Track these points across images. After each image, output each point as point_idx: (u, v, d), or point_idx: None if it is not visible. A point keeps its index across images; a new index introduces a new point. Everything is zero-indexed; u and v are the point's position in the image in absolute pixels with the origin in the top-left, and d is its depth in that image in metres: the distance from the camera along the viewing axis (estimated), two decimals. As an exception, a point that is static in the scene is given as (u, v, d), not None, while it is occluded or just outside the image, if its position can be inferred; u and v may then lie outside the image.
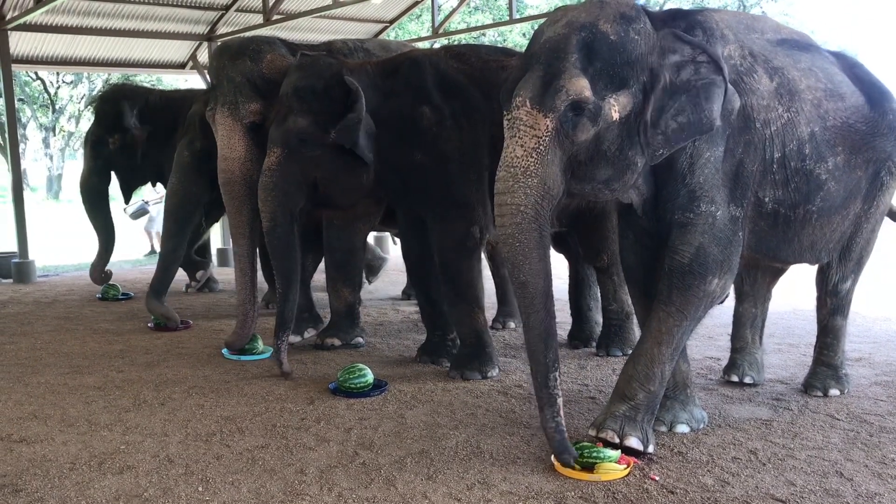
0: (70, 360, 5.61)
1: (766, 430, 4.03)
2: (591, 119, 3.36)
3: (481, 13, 21.34)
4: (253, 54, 5.60)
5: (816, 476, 3.47)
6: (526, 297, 3.46)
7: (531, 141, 3.36)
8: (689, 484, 3.40)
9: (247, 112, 5.47)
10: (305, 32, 11.09)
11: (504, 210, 3.42)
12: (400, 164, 5.02)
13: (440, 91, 5.02)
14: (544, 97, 3.34)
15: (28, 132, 28.63)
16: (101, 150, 8.00)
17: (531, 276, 3.43)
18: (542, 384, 3.49)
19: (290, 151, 4.91)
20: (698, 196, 3.66)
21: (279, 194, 4.96)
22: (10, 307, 7.83)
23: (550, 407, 3.49)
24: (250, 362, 5.51)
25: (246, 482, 3.47)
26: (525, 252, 3.42)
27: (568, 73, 3.32)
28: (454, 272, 5.06)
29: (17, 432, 4.12)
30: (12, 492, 3.40)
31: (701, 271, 3.67)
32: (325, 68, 4.99)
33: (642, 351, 3.78)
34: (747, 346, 4.84)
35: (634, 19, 3.46)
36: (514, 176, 3.39)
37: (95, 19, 10.18)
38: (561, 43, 3.38)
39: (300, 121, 4.87)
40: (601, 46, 3.37)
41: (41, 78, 26.10)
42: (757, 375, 4.78)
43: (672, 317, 3.71)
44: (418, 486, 3.41)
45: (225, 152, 5.56)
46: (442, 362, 5.38)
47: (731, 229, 3.72)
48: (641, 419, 3.70)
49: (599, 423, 3.72)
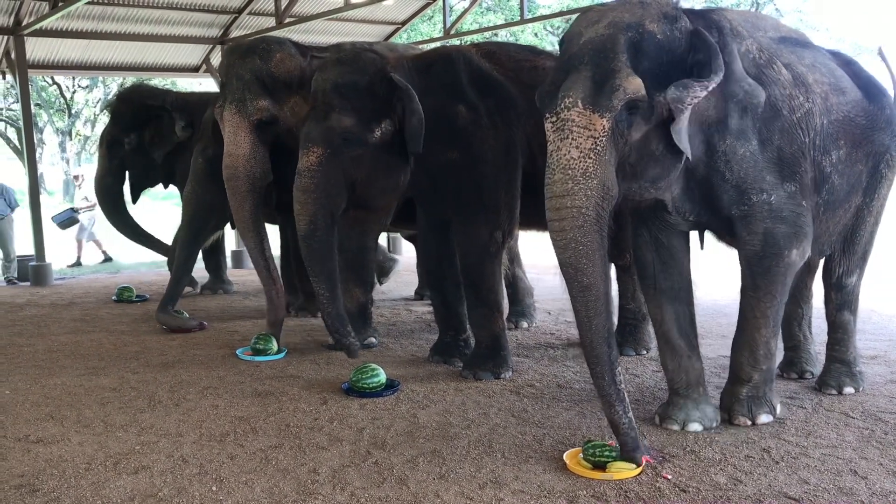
0: (86, 362, 5.67)
1: (780, 429, 4.01)
2: (644, 118, 3.39)
3: (493, 13, 21.33)
4: (263, 53, 5.65)
5: (830, 474, 3.46)
6: (589, 300, 3.42)
7: (587, 142, 3.33)
8: (701, 482, 3.39)
9: (254, 109, 5.52)
10: (318, 35, 11.12)
11: (564, 213, 3.38)
12: (432, 163, 4.89)
13: (475, 89, 4.96)
14: (598, 97, 3.32)
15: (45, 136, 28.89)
16: (117, 151, 8.06)
17: (594, 280, 3.40)
18: (609, 382, 3.45)
19: (332, 151, 4.69)
20: (745, 189, 3.76)
21: (321, 196, 4.74)
22: (27, 310, 7.90)
23: (621, 402, 3.46)
24: (264, 363, 5.54)
25: (259, 482, 3.49)
26: (588, 255, 3.38)
27: (623, 73, 3.33)
28: (476, 275, 5.05)
29: (34, 433, 4.17)
30: (29, 492, 3.44)
31: (775, 251, 3.82)
32: (369, 64, 4.81)
33: (745, 339, 3.99)
34: (801, 343, 4.91)
35: (677, 18, 3.51)
36: (574, 178, 3.35)
37: (110, 24, 10.26)
38: (607, 43, 3.38)
39: (345, 119, 4.65)
40: (649, 46, 3.40)
41: (57, 83, 26.32)
42: (814, 369, 4.87)
43: (762, 301, 3.90)
44: (430, 485, 3.43)
45: (230, 148, 5.61)
46: (454, 362, 5.38)
47: (792, 203, 3.83)
48: (763, 394, 4.05)
49: (728, 409, 4.03)
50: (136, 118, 7.91)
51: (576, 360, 5.47)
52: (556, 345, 5.98)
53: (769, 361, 4.02)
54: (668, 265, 4.03)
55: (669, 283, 4.03)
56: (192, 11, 10.49)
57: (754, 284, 3.91)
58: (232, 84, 5.63)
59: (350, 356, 5.07)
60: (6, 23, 9.56)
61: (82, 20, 10.01)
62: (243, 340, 6.13)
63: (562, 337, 6.24)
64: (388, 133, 4.75)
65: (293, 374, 5.24)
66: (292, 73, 5.64)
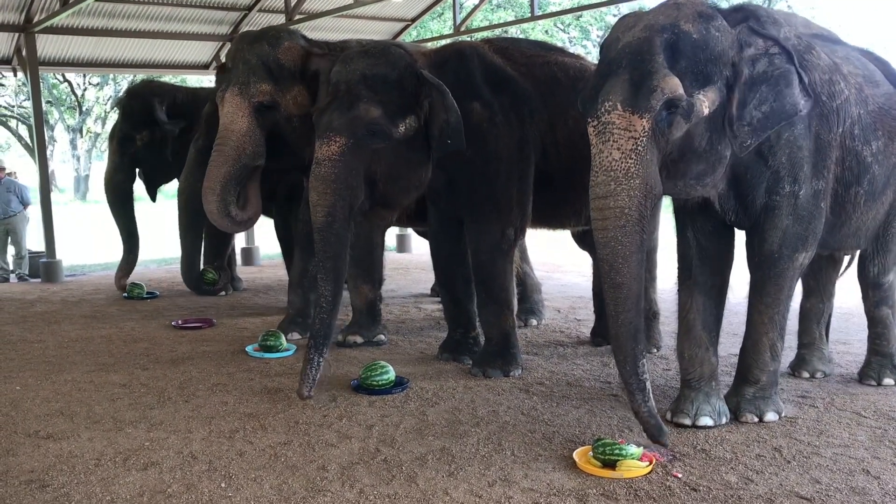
0: (96, 358, 5.68)
1: (791, 428, 3.98)
2: (684, 116, 3.45)
3: (503, 10, 21.28)
4: (271, 40, 5.63)
5: (842, 474, 3.43)
6: (620, 297, 3.50)
7: (628, 143, 3.39)
8: (712, 481, 3.37)
9: (257, 91, 5.44)
10: (327, 32, 11.10)
11: (607, 213, 3.45)
12: (445, 160, 4.83)
13: (488, 85, 4.94)
14: (637, 98, 3.39)
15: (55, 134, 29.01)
16: (128, 147, 8.07)
17: (629, 279, 3.48)
18: (632, 372, 3.55)
19: (356, 141, 4.52)
20: (782, 176, 3.81)
21: (340, 187, 4.51)
22: (38, 306, 7.94)
23: (641, 392, 3.55)
24: (273, 360, 5.54)
25: (268, 479, 3.49)
26: (626, 255, 3.45)
27: (660, 73, 3.39)
28: (487, 273, 5.03)
29: (44, 429, 4.18)
30: (39, 487, 3.44)
31: (788, 253, 3.89)
32: (399, 58, 4.73)
33: (752, 343, 4.06)
34: (815, 341, 4.91)
35: (712, 17, 3.56)
36: (616, 179, 3.41)
37: (120, 21, 10.28)
38: (644, 45, 3.45)
39: (373, 110, 4.52)
40: (685, 46, 3.45)
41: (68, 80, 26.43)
42: (826, 369, 4.88)
43: (770, 307, 3.96)
44: (440, 482, 3.41)
45: (226, 123, 5.47)
46: (463, 360, 5.37)
47: (813, 204, 3.88)
48: (770, 393, 4.10)
49: (734, 408, 4.05)
50: (148, 114, 7.92)
51: (586, 359, 5.46)
52: (566, 343, 5.96)
53: (775, 363, 4.08)
54: (708, 264, 4.08)
55: (705, 279, 4.07)
56: (203, 8, 10.51)
57: (764, 289, 3.96)
58: (238, 68, 5.57)
59: (300, 394, 4.52)
60: (17, 20, 9.59)
61: (93, 17, 10.03)
62: (252, 337, 6.14)
63: (572, 335, 6.22)
64: (412, 129, 4.65)
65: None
66: (298, 63, 5.60)
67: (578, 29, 23.16)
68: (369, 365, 4.80)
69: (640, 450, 3.55)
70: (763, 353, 4.03)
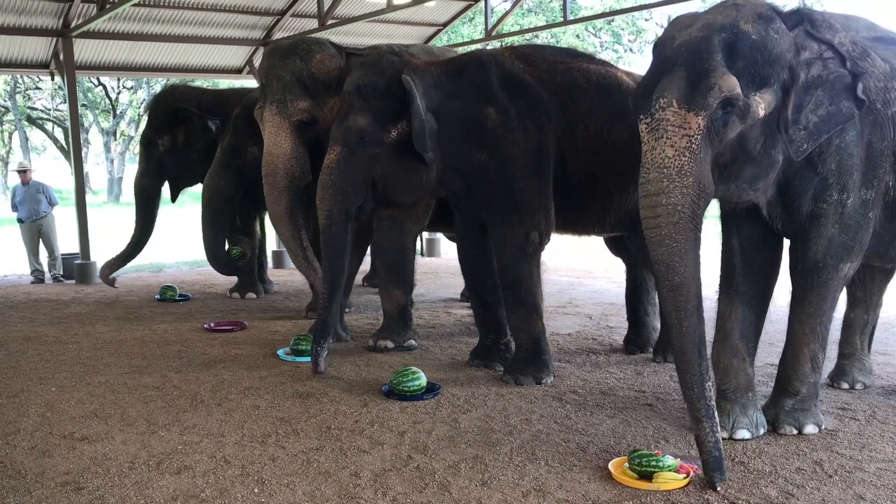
0: (130, 361, 5.72)
1: (832, 441, 3.90)
2: (740, 116, 3.40)
3: (534, 15, 21.22)
4: (303, 54, 5.70)
5: (887, 490, 3.34)
6: (680, 300, 3.38)
7: (682, 140, 3.35)
8: (751, 495, 3.30)
9: (295, 110, 5.58)
10: (360, 37, 11.15)
11: (659, 211, 3.38)
12: (463, 165, 4.96)
13: (506, 92, 4.95)
14: (693, 96, 3.35)
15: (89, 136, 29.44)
16: (152, 152, 8.20)
17: (687, 279, 3.38)
18: (699, 395, 3.36)
19: (349, 149, 4.86)
20: (830, 184, 3.73)
21: (336, 192, 4.91)
22: (72, 307, 8.02)
23: (710, 420, 3.36)
24: (305, 364, 5.54)
25: (301, 484, 3.47)
26: (682, 254, 3.37)
27: (718, 72, 3.35)
28: (513, 277, 5.01)
29: (78, 430, 4.21)
30: (74, 489, 3.46)
31: (833, 262, 3.80)
32: (388, 66, 4.92)
33: (793, 353, 3.96)
34: (856, 352, 4.83)
35: (772, 19, 3.51)
36: (669, 176, 3.36)
37: (155, 26, 10.40)
38: (702, 44, 3.41)
39: (360, 119, 4.82)
40: (743, 46, 3.41)
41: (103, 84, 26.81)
42: (867, 380, 4.79)
43: (812, 317, 3.87)
44: (473, 492, 3.38)
45: (271, 148, 5.68)
46: (495, 366, 5.33)
47: (861, 213, 3.79)
48: (810, 406, 4.01)
49: (773, 420, 3.98)
50: (169, 120, 8.03)
51: (619, 367, 5.39)
52: (598, 350, 5.90)
53: (816, 375, 3.99)
54: (751, 274, 4.00)
55: (746, 289, 3.99)
56: (236, 13, 10.60)
57: (806, 299, 3.87)
58: (272, 85, 5.68)
59: (314, 369, 5.19)
60: (55, 25, 9.74)
61: (128, 22, 10.16)
62: (284, 341, 6.15)
63: (604, 343, 6.15)
64: (404, 134, 4.82)
65: (333, 375, 5.23)
66: (332, 74, 5.68)
67: (610, 33, 23.02)
68: (401, 370, 4.78)
69: (677, 461, 3.48)
70: (804, 365, 3.94)
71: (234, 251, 7.31)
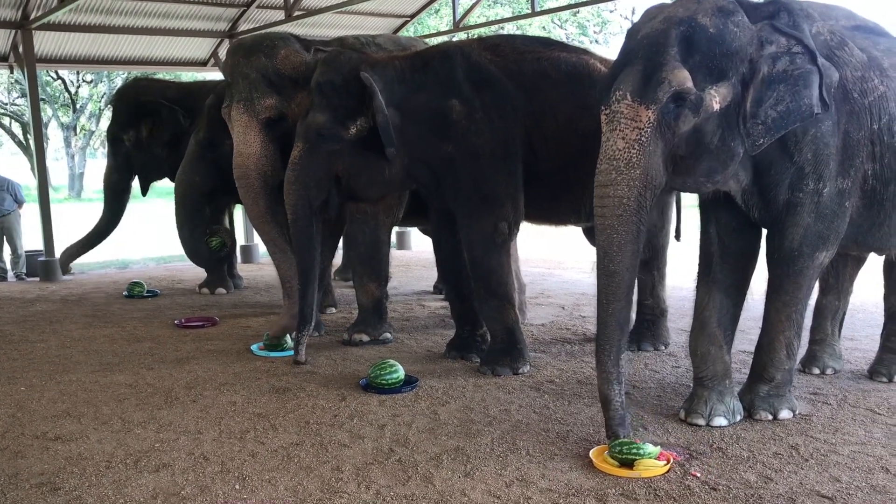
0: (100, 358, 5.63)
1: (806, 425, 3.96)
2: (692, 110, 3.44)
3: (501, 7, 21.23)
4: (267, 50, 5.65)
5: (861, 472, 3.41)
6: (611, 286, 3.56)
7: (633, 133, 3.42)
8: (731, 480, 3.34)
9: (262, 107, 5.55)
10: (326, 28, 11.06)
11: (606, 202, 3.50)
12: (431, 158, 4.97)
13: (470, 83, 4.94)
14: (645, 89, 3.41)
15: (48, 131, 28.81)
16: (119, 147, 8.08)
17: (621, 268, 3.53)
18: (614, 362, 3.62)
19: (310, 146, 4.94)
20: (807, 173, 3.76)
21: (299, 188, 5.01)
22: (38, 305, 7.86)
23: (619, 384, 3.64)
24: (279, 359, 5.49)
25: (283, 480, 3.45)
26: (621, 244, 3.50)
27: (669, 66, 3.39)
28: (483, 268, 5.01)
29: (51, 430, 4.13)
30: (50, 490, 3.40)
31: (808, 251, 3.84)
32: (345, 63, 4.96)
33: (768, 341, 4.01)
34: (827, 337, 4.91)
35: (732, 12, 3.54)
36: (617, 168, 3.45)
37: (118, 18, 10.19)
38: (660, 37, 3.45)
39: (319, 116, 4.88)
40: (700, 39, 3.44)
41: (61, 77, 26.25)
42: (837, 365, 4.88)
43: (788, 305, 3.91)
44: (456, 483, 3.38)
45: (241, 147, 5.64)
46: (471, 358, 5.34)
47: (837, 202, 3.83)
48: (784, 392, 4.08)
49: (748, 406, 4.04)
50: (133, 114, 7.91)
51: (594, 356, 5.40)
52: (572, 340, 5.93)
53: (791, 362, 4.05)
54: (729, 262, 4.04)
55: (724, 276, 4.04)
56: (200, 5, 10.42)
57: (782, 288, 3.91)
58: (238, 83, 5.63)
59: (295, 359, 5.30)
60: (14, 16, 9.50)
61: (90, 14, 9.94)
62: (257, 336, 6.09)
63: (578, 332, 6.19)
64: (364, 129, 4.87)
65: (309, 369, 5.19)
66: (298, 69, 5.64)
67: (576, 25, 23.12)
68: (378, 363, 4.76)
69: (657, 449, 3.52)
70: (779, 352, 3.99)
71: (214, 242, 7.21)
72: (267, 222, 5.74)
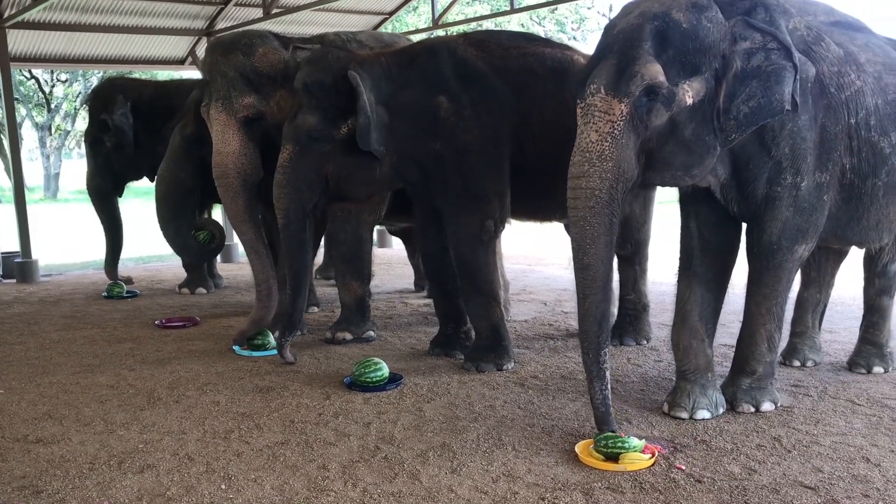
0: (81, 360, 5.57)
1: (788, 417, 4.01)
2: (664, 104, 3.47)
3: (480, 4, 21.24)
4: (245, 48, 5.61)
5: (843, 462, 3.46)
6: (586, 279, 3.58)
7: (606, 126, 3.45)
8: (715, 472, 3.37)
9: (240, 106, 5.51)
10: (305, 25, 11.00)
11: (578, 194, 3.53)
12: (419, 155, 4.94)
13: (458, 80, 4.93)
14: (619, 83, 3.44)
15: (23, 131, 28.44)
16: (99, 149, 7.97)
17: (595, 261, 3.55)
18: (593, 360, 3.62)
19: (301, 148, 4.87)
20: (784, 167, 3.79)
21: (291, 191, 4.93)
22: (15, 307, 7.77)
23: (601, 380, 3.63)
24: (262, 358, 5.47)
25: (269, 479, 3.43)
26: (594, 236, 3.53)
27: (642, 60, 3.42)
28: (470, 266, 5.01)
29: (32, 433, 4.08)
30: (33, 493, 3.36)
31: (787, 244, 3.87)
32: (334, 62, 4.90)
33: (749, 334, 4.05)
34: (808, 330, 4.96)
35: (706, 8, 3.56)
36: (590, 160, 3.48)
37: (94, 16, 10.08)
38: (634, 32, 3.48)
39: (309, 117, 4.82)
40: (674, 34, 3.47)
41: (35, 76, 25.94)
42: (817, 357, 4.93)
43: (768, 298, 3.95)
44: (443, 479, 3.38)
45: (219, 146, 5.58)
46: (455, 355, 5.34)
47: (815, 196, 3.86)
48: (766, 384, 4.11)
49: (731, 398, 4.07)
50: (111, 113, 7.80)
51: (577, 351, 5.44)
52: (555, 336, 5.96)
53: (772, 354, 4.09)
54: (709, 256, 4.07)
55: (705, 270, 4.07)
56: (178, 3, 10.33)
57: (761, 280, 3.95)
58: (216, 82, 5.58)
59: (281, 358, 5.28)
60: (-13, 15, 9.37)
61: (65, 12, 9.82)
62: (239, 335, 6.05)
63: (561, 328, 6.21)
64: (354, 129, 4.79)
65: (293, 368, 5.17)
66: (276, 67, 5.61)
67: (554, 22, 23.18)
68: (362, 361, 4.75)
69: (641, 442, 3.55)
70: (760, 345, 4.03)
71: (202, 236, 7.07)
72: (245, 222, 5.68)
